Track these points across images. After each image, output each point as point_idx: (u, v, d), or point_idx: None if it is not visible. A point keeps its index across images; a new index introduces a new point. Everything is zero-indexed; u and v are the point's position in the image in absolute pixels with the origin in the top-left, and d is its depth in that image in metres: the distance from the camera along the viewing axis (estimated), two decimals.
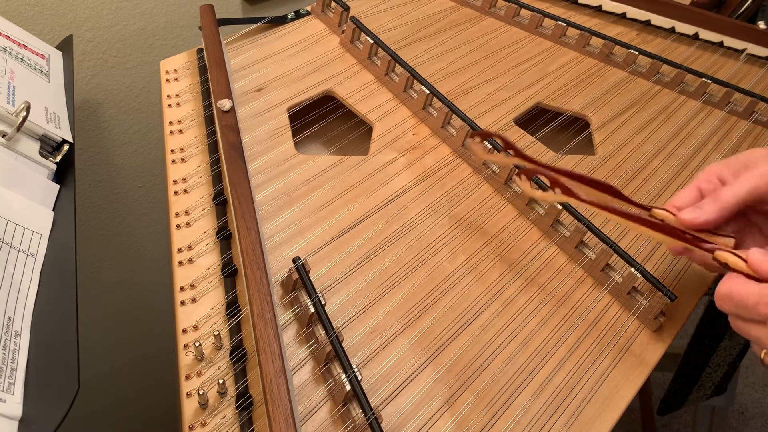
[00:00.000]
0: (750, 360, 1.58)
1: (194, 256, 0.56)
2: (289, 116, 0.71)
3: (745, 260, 0.41)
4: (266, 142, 0.67)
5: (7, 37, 0.70)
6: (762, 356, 0.41)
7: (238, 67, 0.76)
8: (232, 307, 0.52)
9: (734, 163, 0.49)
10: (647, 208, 0.49)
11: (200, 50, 0.77)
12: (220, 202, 0.60)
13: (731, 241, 0.46)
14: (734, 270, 0.42)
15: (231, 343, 0.50)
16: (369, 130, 0.71)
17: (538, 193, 0.54)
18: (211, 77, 0.69)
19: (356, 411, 0.45)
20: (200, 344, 0.48)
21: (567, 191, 0.49)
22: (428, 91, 0.70)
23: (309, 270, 0.53)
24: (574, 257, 0.59)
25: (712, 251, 0.44)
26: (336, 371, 0.47)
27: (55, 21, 0.86)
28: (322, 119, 0.71)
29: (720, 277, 0.43)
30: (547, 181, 0.51)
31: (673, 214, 0.47)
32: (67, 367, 0.46)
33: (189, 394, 0.47)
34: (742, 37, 0.84)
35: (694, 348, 0.99)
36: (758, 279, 0.40)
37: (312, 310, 0.50)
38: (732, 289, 0.40)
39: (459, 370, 0.50)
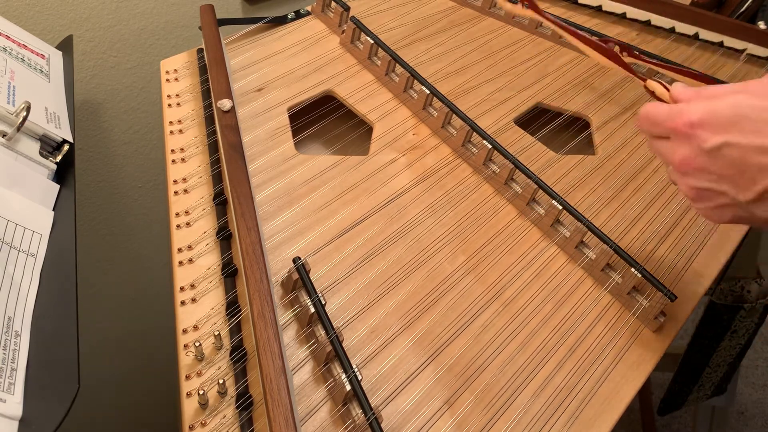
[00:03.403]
0: (750, 360, 1.58)
1: (194, 256, 0.56)
2: (289, 116, 0.71)
3: (668, 89, 0.49)
4: (266, 142, 0.67)
5: (7, 37, 0.70)
6: (668, 174, 0.49)
7: (238, 67, 0.76)
8: (232, 307, 0.52)
9: None
10: (643, 79, 0.53)
11: (200, 50, 0.77)
12: (220, 202, 0.60)
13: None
14: (659, 99, 0.50)
15: (231, 343, 0.50)
16: (369, 130, 0.71)
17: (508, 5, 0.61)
18: (211, 77, 0.69)
19: (356, 411, 0.45)
20: (200, 344, 0.48)
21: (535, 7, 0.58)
22: (428, 91, 0.70)
23: (309, 270, 0.53)
24: (574, 257, 0.59)
25: (644, 80, 0.51)
26: (336, 371, 0.47)
27: (55, 21, 0.86)
28: (322, 119, 0.71)
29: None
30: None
31: (667, 89, 0.51)
32: (67, 367, 0.46)
33: (189, 394, 0.47)
34: (742, 37, 0.84)
35: (694, 348, 0.99)
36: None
37: (312, 310, 0.50)
38: (649, 110, 0.48)
39: (459, 370, 0.50)
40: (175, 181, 0.63)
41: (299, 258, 0.53)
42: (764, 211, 0.46)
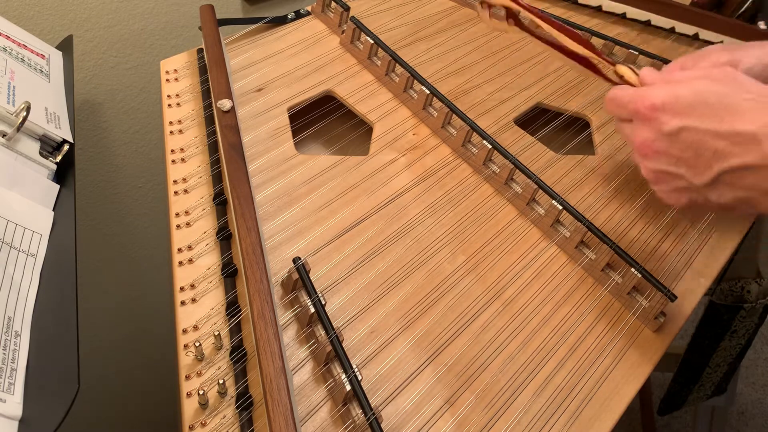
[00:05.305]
0: (750, 360, 1.58)
1: (194, 256, 0.56)
2: (289, 116, 0.71)
3: (637, 74, 0.50)
4: (266, 142, 0.67)
5: (7, 37, 0.70)
6: (631, 156, 0.51)
7: (238, 67, 0.76)
8: (232, 307, 0.52)
9: (696, 55, 0.55)
10: (612, 63, 0.54)
11: (200, 50, 0.77)
12: (220, 202, 0.60)
13: None
14: (627, 83, 0.50)
15: (231, 343, 0.50)
16: (369, 130, 0.71)
17: None
18: (211, 77, 0.69)
19: (356, 411, 0.45)
20: (200, 344, 0.48)
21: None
22: (428, 91, 0.70)
23: (309, 270, 0.53)
24: (574, 257, 0.59)
25: (614, 65, 0.51)
26: (336, 371, 0.47)
27: (55, 21, 0.86)
28: (322, 119, 0.71)
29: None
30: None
31: (636, 74, 0.52)
32: (67, 367, 0.46)
33: (189, 394, 0.47)
34: (742, 37, 0.84)
35: (694, 348, 0.99)
36: None
37: (312, 310, 0.50)
38: (615, 92, 0.50)
39: (459, 370, 0.50)
40: (175, 181, 0.63)
41: (299, 258, 0.53)
42: (718, 196, 0.46)
